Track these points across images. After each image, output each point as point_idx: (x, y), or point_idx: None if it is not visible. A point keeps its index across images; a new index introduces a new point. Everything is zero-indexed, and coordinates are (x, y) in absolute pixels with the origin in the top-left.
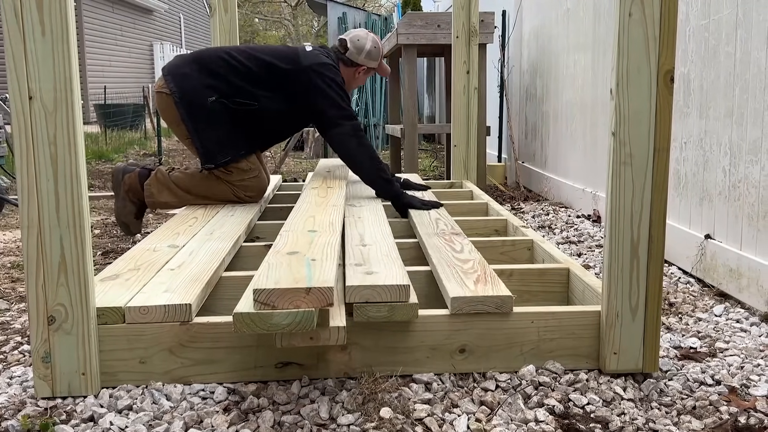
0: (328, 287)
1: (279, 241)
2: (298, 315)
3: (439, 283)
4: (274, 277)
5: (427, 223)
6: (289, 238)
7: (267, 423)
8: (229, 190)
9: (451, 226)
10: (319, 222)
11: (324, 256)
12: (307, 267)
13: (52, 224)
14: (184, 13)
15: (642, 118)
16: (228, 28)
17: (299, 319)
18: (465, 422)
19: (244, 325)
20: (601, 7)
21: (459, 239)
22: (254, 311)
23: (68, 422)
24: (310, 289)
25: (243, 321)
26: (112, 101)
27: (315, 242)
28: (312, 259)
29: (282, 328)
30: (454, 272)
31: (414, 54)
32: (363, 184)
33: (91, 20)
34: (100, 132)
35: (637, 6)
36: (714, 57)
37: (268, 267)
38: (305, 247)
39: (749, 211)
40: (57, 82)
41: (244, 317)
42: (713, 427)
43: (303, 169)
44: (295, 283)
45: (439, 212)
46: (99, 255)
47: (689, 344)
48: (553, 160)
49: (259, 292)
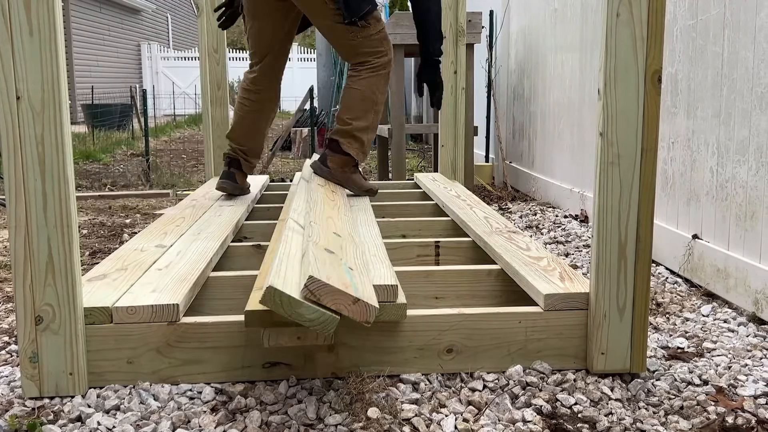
0: (373, 306)
1: (312, 232)
2: (324, 315)
3: (520, 280)
4: (325, 271)
5: (477, 221)
6: (321, 234)
7: (254, 423)
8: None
9: (504, 223)
10: (339, 228)
11: (357, 268)
12: (348, 274)
13: (40, 224)
14: (172, 13)
15: (629, 118)
16: (216, 28)
17: (323, 319)
18: (452, 422)
19: (272, 302)
20: (589, 7)
21: (519, 237)
22: (288, 293)
23: (56, 422)
24: (358, 301)
25: (273, 298)
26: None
27: (344, 248)
28: (350, 268)
29: (304, 320)
30: (534, 270)
31: (401, 54)
32: None
33: (79, 20)
34: (87, 132)
35: (625, 6)
36: (701, 57)
37: (315, 258)
38: (337, 249)
39: (737, 211)
40: (44, 82)
41: (278, 295)
42: (701, 427)
43: (290, 169)
44: (345, 288)
45: (485, 210)
46: (86, 255)
47: (677, 344)
48: (541, 160)
49: (314, 280)
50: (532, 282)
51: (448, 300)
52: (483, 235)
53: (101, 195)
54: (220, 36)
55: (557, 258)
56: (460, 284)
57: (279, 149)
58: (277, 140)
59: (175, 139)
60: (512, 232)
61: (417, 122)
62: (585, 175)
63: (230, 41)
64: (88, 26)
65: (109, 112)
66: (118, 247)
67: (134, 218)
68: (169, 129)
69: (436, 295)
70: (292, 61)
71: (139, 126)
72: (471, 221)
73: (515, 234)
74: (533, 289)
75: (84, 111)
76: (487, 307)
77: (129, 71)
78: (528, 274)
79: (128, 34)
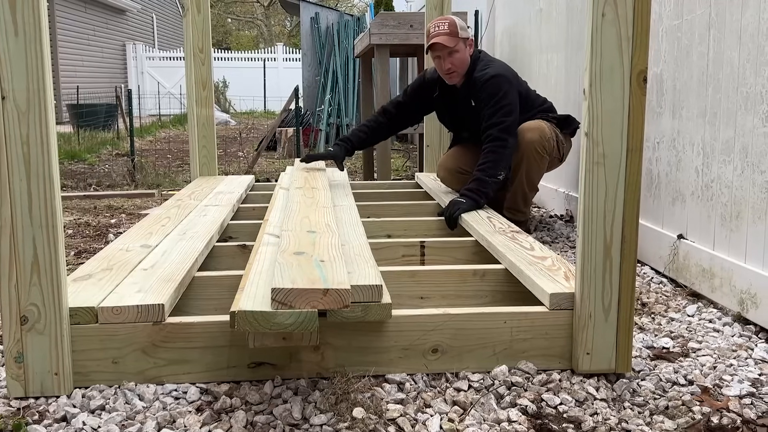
0: (345, 289)
1: (282, 241)
2: (300, 315)
3: (525, 280)
4: (289, 276)
5: (480, 221)
6: (291, 239)
7: (240, 423)
8: None
9: (507, 223)
10: (315, 222)
11: (330, 257)
12: (318, 268)
13: (25, 224)
14: (157, 13)
15: (615, 118)
16: (201, 28)
17: (302, 319)
18: (438, 422)
19: (247, 323)
20: (574, 7)
21: (523, 237)
22: (258, 310)
23: (41, 422)
24: (328, 290)
25: (248, 319)
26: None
27: (318, 243)
28: (321, 260)
29: (285, 327)
30: (539, 269)
31: (386, 54)
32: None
33: (64, 20)
34: (72, 132)
35: (611, 6)
36: (687, 57)
37: (280, 267)
38: (309, 247)
39: (722, 211)
40: (30, 82)
41: (248, 315)
42: (686, 427)
43: (276, 169)
44: (312, 284)
45: (488, 211)
46: (72, 255)
47: (662, 344)
48: None
49: (278, 291)
50: (537, 281)
51: (434, 300)
52: (486, 235)
53: (86, 195)
54: (206, 36)
55: (562, 259)
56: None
57: (264, 149)
58: (263, 140)
59: (160, 139)
60: (515, 231)
61: None
62: (570, 174)
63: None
64: (74, 26)
65: (94, 112)
66: (103, 247)
67: (119, 218)
68: (155, 129)
69: (422, 295)
70: (277, 61)
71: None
72: (474, 221)
73: (519, 234)
74: (537, 287)
75: (69, 111)
76: (472, 307)
77: (114, 71)
78: (532, 273)
79: (113, 34)
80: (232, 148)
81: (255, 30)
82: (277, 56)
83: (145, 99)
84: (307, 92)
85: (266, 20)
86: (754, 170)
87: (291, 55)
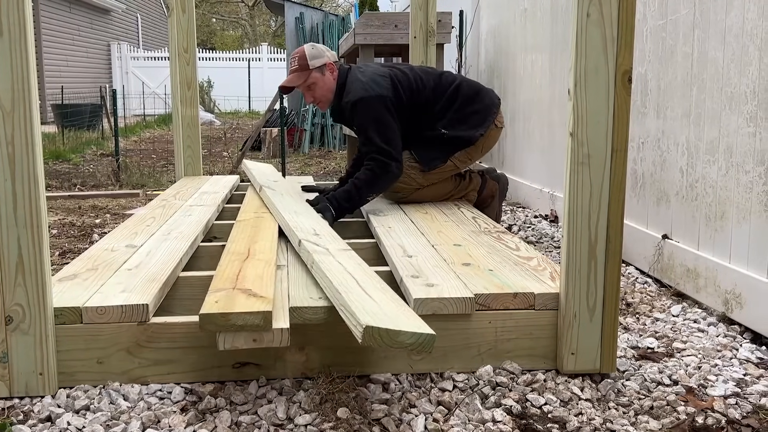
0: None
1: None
2: (421, 337)
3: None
4: (482, 284)
5: (465, 221)
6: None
7: (224, 423)
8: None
9: (492, 223)
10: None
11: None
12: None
13: (10, 224)
14: (142, 13)
15: (600, 119)
16: (186, 28)
17: (422, 341)
18: (422, 422)
19: (372, 339)
20: (559, 7)
21: (508, 237)
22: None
23: (25, 422)
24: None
25: (371, 335)
26: (70, 101)
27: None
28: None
29: (405, 346)
30: (525, 270)
31: (371, 54)
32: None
33: (49, 20)
34: (57, 132)
35: (595, 6)
36: (671, 57)
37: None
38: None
39: (706, 212)
40: (14, 83)
41: (374, 331)
42: (671, 427)
43: None
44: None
45: (473, 210)
46: (56, 255)
47: (647, 344)
48: (511, 160)
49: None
50: (525, 282)
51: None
52: (470, 236)
53: (71, 195)
54: (191, 36)
55: (547, 259)
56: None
57: (249, 149)
58: (247, 140)
59: (145, 139)
60: (501, 232)
61: None
62: (555, 175)
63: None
64: (58, 26)
65: (79, 112)
66: (88, 247)
67: (104, 218)
68: (139, 129)
69: None
70: (262, 61)
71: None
72: (460, 221)
73: (504, 234)
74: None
75: (54, 111)
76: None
77: (99, 71)
78: (518, 274)
79: (98, 34)
80: (217, 148)
81: (240, 30)
82: (262, 56)
83: (130, 99)
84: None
85: (251, 20)
86: (738, 170)
87: (276, 55)
